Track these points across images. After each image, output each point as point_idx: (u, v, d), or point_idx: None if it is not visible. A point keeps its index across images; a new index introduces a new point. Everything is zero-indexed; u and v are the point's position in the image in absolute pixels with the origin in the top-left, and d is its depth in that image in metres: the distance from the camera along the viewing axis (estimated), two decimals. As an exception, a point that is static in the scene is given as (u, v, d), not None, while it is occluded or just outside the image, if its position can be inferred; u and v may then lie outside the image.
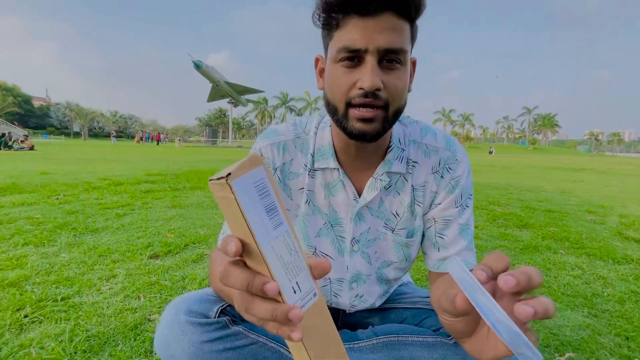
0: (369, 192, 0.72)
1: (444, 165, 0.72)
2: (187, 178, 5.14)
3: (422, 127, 0.75)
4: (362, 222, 0.75)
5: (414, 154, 0.73)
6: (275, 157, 0.73)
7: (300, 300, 0.32)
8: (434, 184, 0.73)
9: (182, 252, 1.90)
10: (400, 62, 0.57)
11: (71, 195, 3.48)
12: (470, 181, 0.74)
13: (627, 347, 1.12)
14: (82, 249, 1.86)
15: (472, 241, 0.74)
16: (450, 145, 0.73)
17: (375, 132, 0.59)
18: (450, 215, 0.72)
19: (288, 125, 0.77)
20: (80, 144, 27.33)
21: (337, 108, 0.59)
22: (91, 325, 1.13)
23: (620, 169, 11.92)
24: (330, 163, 0.71)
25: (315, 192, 0.74)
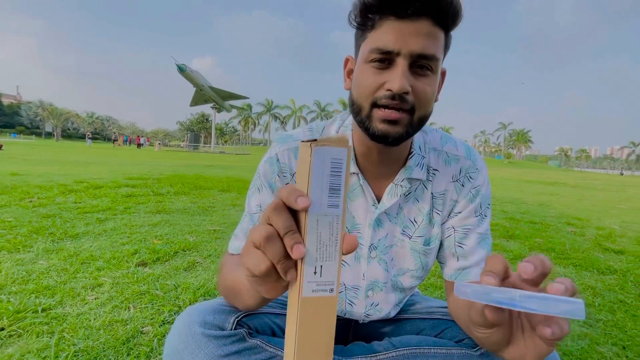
0: (388, 198, 0.70)
1: (465, 174, 0.72)
2: (170, 183, 4.97)
3: (441, 135, 0.75)
4: (381, 228, 0.74)
5: (435, 162, 0.72)
6: (292, 162, 0.71)
7: (315, 284, 0.31)
8: (454, 193, 0.72)
9: (172, 259, 1.81)
10: (431, 69, 0.57)
11: (46, 198, 3.28)
12: (489, 191, 0.74)
13: (625, 356, 1.14)
14: (62, 256, 1.73)
15: (490, 251, 0.73)
16: (471, 154, 0.73)
17: (398, 135, 0.58)
18: (470, 224, 0.72)
19: (304, 130, 0.76)
20: (53, 145, 26.06)
21: (362, 107, 0.58)
22: (78, 339, 1.03)
23: (590, 184, 12.59)
24: (350, 168, 0.70)
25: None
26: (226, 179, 6.24)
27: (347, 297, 0.80)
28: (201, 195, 4.12)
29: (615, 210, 5.21)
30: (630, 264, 2.22)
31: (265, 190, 0.71)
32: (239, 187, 5.06)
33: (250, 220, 0.71)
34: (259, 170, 0.73)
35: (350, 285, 0.79)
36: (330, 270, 0.31)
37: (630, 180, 19.77)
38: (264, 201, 0.71)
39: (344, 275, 0.78)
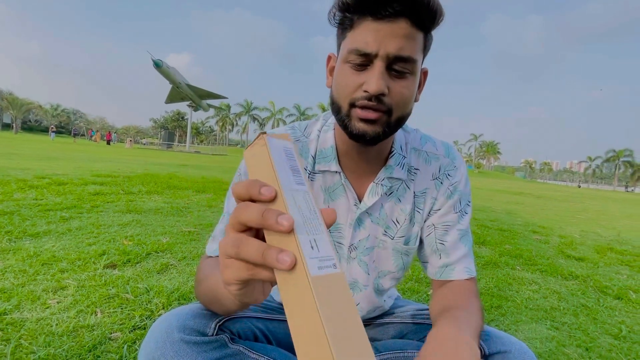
0: (369, 197, 0.70)
1: (444, 172, 0.73)
2: (142, 181, 4.76)
3: (421, 135, 0.76)
4: (362, 228, 0.74)
5: (415, 162, 0.73)
6: None
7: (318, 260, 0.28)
8: (434, 190, 0.74)
9: (144, 261, 1.72)
10: (409, 71, 0.57)
11: (2, 193, 3.04)
12: (468, 188, 0.75)
13: (589, 357, 1.21)
14: (20, 256, 1.60)
15: (472, 248, 0.75)
16: (449, 152, 0.75)
17: (375, 135, 0.58)
18: (449, 220, 0.73)
19: (286, 129, 0.75)
20: (10, 137, 24.25)
21: (341, 107, 0.59)
22: (37, 346, 0.95)
23: (551, 195, 13.39)
24: (332, 166, 0.69)
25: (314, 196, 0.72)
26: (202, 179, 6.07)
27: None
28: (175, 196, 3.98)
29: (575, 219, 5.57)
30: (589, 270, 2.37)
31: None
32: (215, 188, 4.93)
33: (227, 221, 0.69)
34: (240, 169, 0.72)
35: None
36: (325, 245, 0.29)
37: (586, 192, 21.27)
38: None
39: None
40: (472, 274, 0.72)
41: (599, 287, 2.00)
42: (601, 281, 2.11)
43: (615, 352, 1.25)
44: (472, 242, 0.75)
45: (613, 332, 1.43)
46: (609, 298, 1.85)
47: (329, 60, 0.67)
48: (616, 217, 6.69)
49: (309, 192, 0.32)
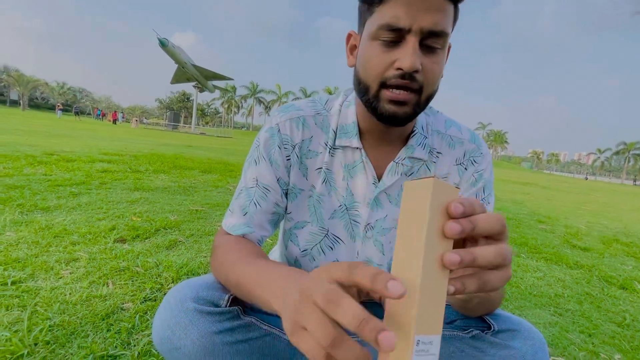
0: (389, 176, 0.69)
1: (469, 158, 0.71)
2: (148, 161, 4.78)
3: (445, 118, 0.74)
4: (379, 208, 0.72)
5: (438, 144, 0.71)
6: (294, 133, 0.68)
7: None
8: (457, 176, 0.71)
9: (153, 237, 1.75)
10: (440, 46, 0.55)
11: (12, 168, 3.07)
12: (492, 177, 0.73)
13: (592, 342, 1.22)
14: (33, 228, 1.63)
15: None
16: (475, 138, 0.72)
17: (407, 116, 0.57)
18: None
19: (307, 102, 0.73)
20: (18, 114, 24.37)
21: (370, 87, 0.57)
22: (53, 313, 0.98)
23: (558, 186, 13.27)
24: (353, 142, 0.68)
25: (333, 171, 0.71)
26: (207, 160, 6.08)
27: None
28: (182, 175, 4.00)
29: (581, 211, 5.53)
30: (595, 261, 2.36)
31: (263, 163, 0.68)
32: (220, 169, 4.94)
33: (246, 195, 0.68)
34: (258, 141, 0.69)
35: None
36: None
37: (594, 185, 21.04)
38: (260, 174, 0.68)
39: (338, 253, 0.77)
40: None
41: (604, 276, 2.00)
42: (606, 271, 2.11)
43: (618, 339, 1.26)
44: None
45: (617, 320, 1.44)
46: (613, 287, 1.85)
47: (349, 38, 0.65)
48: (623, 210, 6.63)
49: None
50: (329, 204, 0.73)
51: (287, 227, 0.78)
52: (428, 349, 0.27)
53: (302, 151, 0.69)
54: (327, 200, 0.72)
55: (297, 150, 0.69)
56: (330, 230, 0.75)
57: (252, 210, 0.67)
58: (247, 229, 0.66)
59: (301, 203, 0.73)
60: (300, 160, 0.70)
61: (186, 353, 0.59)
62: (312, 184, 0.72)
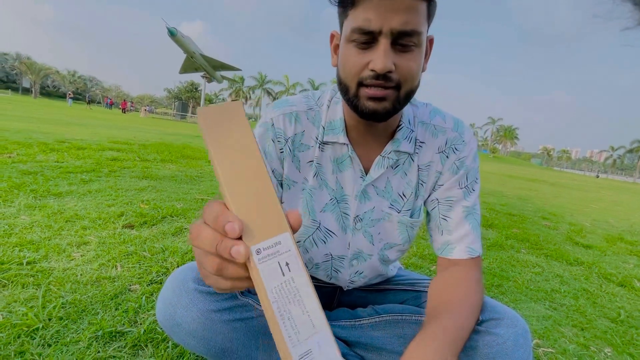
0: (375, 169, 0.71)
1: (450, 145, 0.72)
2: (156, 150, 4.86)
3: (431, 109, 0.75)
4: (367, 200, 0.75)
5: (422, 135, 0.73)
6: (287, 127, 0.71)
7: (264, 247, 0.30)
8: (439, 164, 0.73)
9: (160, 224, 1.81)
10: (414, 44, 0.56)
11: (25, 155, 3.16)
12: (476, 165, 0.73)
13: (583, 336, 1.24)
14: (46, 213, 1.70)
15: (478, 227, 0.72)
16: (458, 126, 0.73)
17: (386, 112, 0.58)
18: (453, 196, 0.72)
19: (300, 97, 0.76)
20: (30, 102, 24.74)
21: (349, 87, 0.59)
22: (65, 292, 1.04)
23: (567, 183, 13.08)
24: (340, 138, 0.70)
25: (324, 165, 0.74)
26: (214, 150, 6.14)
27: (333, 265, 0.83)
28: (188, 165, 4.06)
29: (588, 209, 5.47)
30: (596, 258, 2.37)
31: None
32: (227, 160, 5.00)
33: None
34: (265, 118, 0.72)
35: (337, 254, 0.81)
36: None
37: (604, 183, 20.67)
38: None
39: (331, 245, 0.80)
40: (473, 254, 0.70)
41: (604, 273, 2.01)
42: (606, 268, 2.12)
43: (610, 334, 1.28)
44: (479, 220, 0.73)
45: (611, 315, 1.45)
46: (612, 285, 1.86)
47: (332, 38, 0.67)
48: (632, 209, 6.53)
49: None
50: (320, 197, 0.76)
51: None
52: (277, 250, 0.30)
53: (295, 144, 0.72)
54: (318, 194, 0.76)
55: (289, 144, 0.72)
56: (323, 224, 0.78)
57: None
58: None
59: (294, 195, 0.76)
60: (293, 153, 0.73)
61: (186, 329, 0.63)
62: (304, 176, 0.75)
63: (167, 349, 0.85)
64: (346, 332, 0.82)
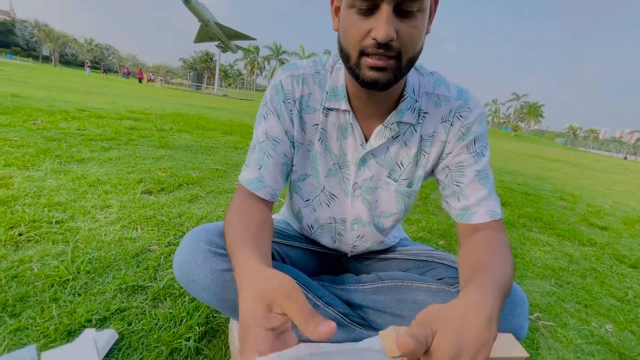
0: (375, 139, 0.71)
1: (455, 114, 0.71)
2: (173, 120, 4.93)
3: (436, 78, 0.73)
4: (366, 168, 0.76)
5: (425, 105, 0.71)
6: (294, 88, 0.72)
7: None
8: (443, 133, 0.72)
9: (176, 191, 1.88)
10: (417, 8, 0.54)
11: (49, 122, 3.28)
12: (484, 130, 0.72)
13: (586, 312, 1.26)
14: (70, 177, 1.80)
15: (494, 191, 0.71)
16: (462, 95, 0.71)
17: (387, 81, 0.57)
18: (463, 161, 0.71)
19: (309, 61, 0.76)
20: (50, 70, 25.16)
21: (350, 56, 0.58)
22: (91, 249, 1.13)
23: (591, 164, 12.57)
24: (341, 105, 0.70)
25: (328, 132, 0.74)
26: (229, 122, 6.18)
27: (337, 228, 0.86)
28: (204, 135, 4.12)
29: (610, 191, 5.29)
30: (611, 239, 2.33)
31: (271, 117, 0.72)
32: (241, 131, 5.04)
33: (259, 149, 0.73)
34: (265, 99, 0.74)
35: (339, 217, 0.84)
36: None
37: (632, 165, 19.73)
38: (270, 128, 0.72)
39: (334, 208, 0.83)
40: (495, 217, 0.68)
41: (616, 255, 1.99)
42: (620, 250, 2.09)
43: (614, 312, 1.29)
44: (493, 183, 0.71)
45: (618, 295, 1.46)
46: (623, 266, 1.85)
47: (332, 0, 0.64)
48: (658, 192, 6.27)
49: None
50: (325, 162, 0.78)
51: (293, 179, 0.84)
52: None
53: (302, 106, 0.73)
54: (323, 159, 0.77)
55: (297, 105, 0.72)
56: (327, 188, 0.81)
57: (266, 163, 0.71)
58: (259, 184, 0.71)
59: (302, 156, 0.78)
60: (300, 114, 0.73)
61: (200, 285, 0.68)
62: (310, 139, 0.76)
63: (184, 303, 0.92)
64: (349, 295, 0.86)
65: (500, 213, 0.69)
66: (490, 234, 0.67)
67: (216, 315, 0.90)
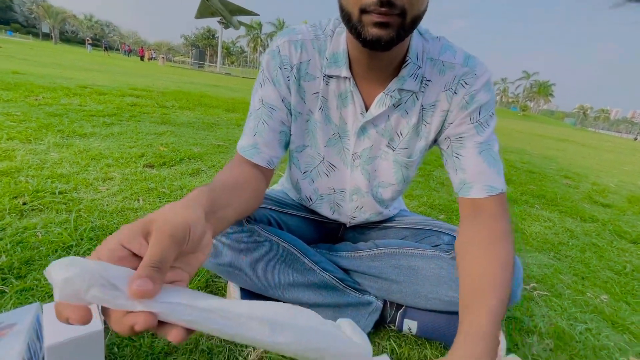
0: (376, 107, 0.69)
1: (459, 81, 0.67)
2: (174, 97, 4.88)
3: (443, 44, 0.69)
4: (365, 138, 0.74)
5: (429, 72, 0.68)
6: (292, 54, 0.69)
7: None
8: (446, 102, 0.69)
9: (178, 165, 1.89)
10: None
11: (51, 98, 3.26)
12: (491, 98, 0.68)
13: (582, 284, 1.27)
14: (73, 151, 1.81)
15: (497, 163, 0.67)
16: (469, 62, 0.68)
17: (390, 38, 0.55)
18: (464, 132, 0.68)
19: (308, 26, 0.72)
20: (51, 48, 24.80)
21: (351, 14, 0.55)
22: (94, 218, 1.15)
23: (600, 145, 12.35)
24: (342, 71, 0.68)
25: (329, 100, 0.72)
26: (231, 100, 6.11)
27: (335, 199, 0.86)
28: (206, 113, 4.09)
29: (617, 170, 5.22)
30: (613, 217, 2.32)
31: (267, 84, 0.71)
32: (244, 109, 4.98)
33: (255, 117, 0.71)
34: (262, 66, 0.72)
35: (338, 188, 0.84)
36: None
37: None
38: (266, 95, 0.71)
39: (333, 178, 0.82)
40: (493, 192, 0.65)
41: (618, 231, 1.98)
42: (622, 226, 2.08)
43: (610, 284, 1.31)
44: (496, 156, 0.67)
45: (616, 268, 1.47)
46: (624, 241, 1.85)
47: None
48: (666, 172, 6.17)
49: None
50: (325, 131, 0.76)
51: (291, 149, 0.83)
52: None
53: (300, 73, 0.70)
54: (323, 128, 0.76)
55: (295, 72, 0.70)
56: (326, 158, 0.80)
57: (260, 130, 0.70)
58: (254, 150, 0.70)
59: (301, 126, 0.77)
60: (298, 82, 0.71)
61: None
62: (309, 108, 0.74)
63: (184, 269, 0.94)
64: (346, 261, 0.88)
65: (502, 186, 0.66)
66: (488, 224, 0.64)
67: (216, 280, 0.93)
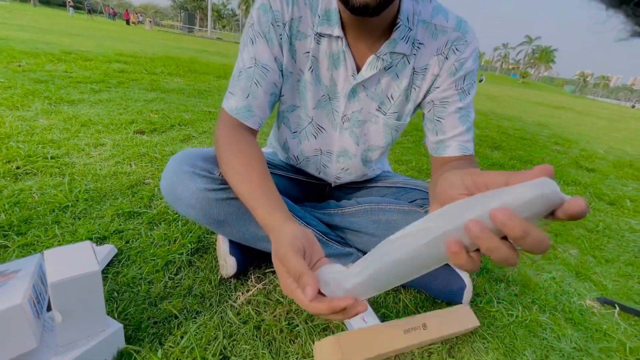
0: (367, 69, 0.70)
1: (451, 46, 0.69)
2: (163, 63, 4.73)
3: (435, 5, 0.70)
4: (355, 100, 0.75)
5: (421, 35, 0.69)
6: (284, 9, 0.67)
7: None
8: (437, 67, 0.71)
9: (168, 131, 1.89)
10: None
11: (34, 64, 3.16)
12: (476, 66, 0.71)
13: (555, 240, 1.36)
14: (61, 117, 1.80)
15: (472, 129, 0.73)
16: (461, 26, 0.69)
17: (377, 4, 0.55)
18: (449, 97, 0.71)
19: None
20: (30, 10, 23.36)
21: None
22: (87, 181, 1.18)
23: (596, 112, 12.31)
24: (334, 30, 0.67)
25: (320, 60, 0.72)
26: (223, 66, 5.93)
27: (322, 160, 0.89)
28: (197, 79, 4.00)
29: (608, 137, 5.27)
30: (595, 180, 2.39)
31: (260, 41, 0.68)
32: (235, 76, 4.86)
33: (246, 77, 0.69)
34: (252, 19, 0.68)
35: (325, 150, 0.86)
36: None
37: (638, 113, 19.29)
38: (258, 53, 0.68)
39: (321, 140, 0.85)
40: (466, 152, 0.71)
41: (597, 193, 2.06)
42: (602, 189, 2.16)
43: (581, 240, 1.39)
44: (472, 122, 0.73)
45: (589, 226, 1.55)
46: (602, 203, 1.93)
47: None
48: (657, 139, 6.24)
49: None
50: (314, 93, 0.77)
51: (281, 109, 0.84)
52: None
53: (292, 31, 0.69)
54: (312, 89, 0.76)
55: (287, 29, 0.68)
56: (315, 119, 0.81)
57: (254, 91, 0.69)
58: (248, 113, 0.69)
59: (291, 87, 0.76)
60: (290, 40, 0.70)
61: (186, 202, 0.73)
62: (300, 68, 0.73)
63: (177, 226, 0.99)
64: (330, 218, 0.93)
65: (472, 150, 0.72)
66: (459, 165, 0.70)
67: (207, 235, 0.98)
